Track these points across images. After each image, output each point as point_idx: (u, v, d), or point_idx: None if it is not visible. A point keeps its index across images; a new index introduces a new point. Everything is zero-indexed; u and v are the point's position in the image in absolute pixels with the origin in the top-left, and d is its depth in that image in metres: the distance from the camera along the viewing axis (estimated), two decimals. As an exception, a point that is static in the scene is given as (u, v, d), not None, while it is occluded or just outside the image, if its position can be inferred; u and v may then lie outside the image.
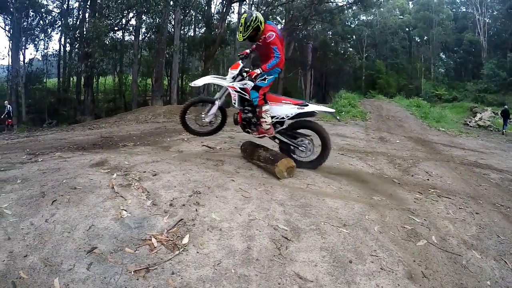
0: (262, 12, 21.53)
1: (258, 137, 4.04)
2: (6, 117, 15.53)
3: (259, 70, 3.67)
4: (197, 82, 3.99)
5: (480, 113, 22.58)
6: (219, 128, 4.26)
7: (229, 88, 3.84)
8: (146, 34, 24.74)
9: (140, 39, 23.33)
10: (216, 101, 3.94)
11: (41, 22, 21.59)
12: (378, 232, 2.56)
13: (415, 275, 2.09)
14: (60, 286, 1.72)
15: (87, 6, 19.74)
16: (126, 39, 24.37)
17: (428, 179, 4.47)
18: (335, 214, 2.77)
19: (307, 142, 3.99)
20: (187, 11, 20.86)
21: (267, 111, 3.82)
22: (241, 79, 3.84)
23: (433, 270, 2.19)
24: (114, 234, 2.18)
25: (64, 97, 25.06)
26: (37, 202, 2.48)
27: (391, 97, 23.17)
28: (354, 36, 39.36)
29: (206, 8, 22.60)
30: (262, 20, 3.62)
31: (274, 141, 4.17)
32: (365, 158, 5.44)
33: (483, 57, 33.74)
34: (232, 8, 21.38)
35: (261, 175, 3.59)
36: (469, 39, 35.75)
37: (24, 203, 2.46)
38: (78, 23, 20.37)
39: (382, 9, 37.78)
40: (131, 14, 19.13)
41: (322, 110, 4.13)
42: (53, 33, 23.34)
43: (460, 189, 4.11)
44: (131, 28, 22.02)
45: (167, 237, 2.19)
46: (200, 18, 23.97)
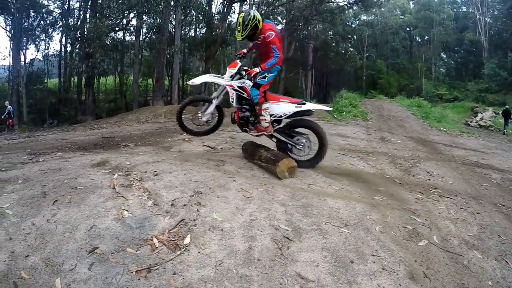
0: (263, 12, 21.57)
1: (256, 135, 4.02)
2: (7, 117, 15.56)
3: (258, 69, 3.67)
4: (195, 81, 3.96)
5: (481, 113, 22.57)
6: (216, 128, 4.24)
7: (227, 87, 3.83)
8: (147, 34, 24.80)
9: (141, 39, 23.38)
10: (214, 100, 3.91)
11: (42, 23, 21.63)
12: (380, 232, 2.55)
13: (417, 275, 2.09)
14: (62, 286, 1.72)
15: (88, 7, 19.82)
16: (127, 39, 24.51)
17: (429, 179, 4.46)
18: (337, 214, 2.77)
19: (304, 141, 4.00)
20: (188, 11, 20.89)
21: (267, 109, 3.82)
22: (239, 78, 3.84)
23: (435, 270, 2.18)
24: (116, 234, 2.18)
25: (65, 97, 25.14)
26: (39, 202, 2.48)
27: (392, 97, 23.08)
28: (355, 36, 39.39)
29: (207, 8, 22.60)
30: (260, 19, 3.63)
31: (271, 140, 4.16)
32: (366, 158, 5.43)
33: (484, 57, 33.75)
34: (233, 8, 21.41)
35: (262, 175, 3.59)
36: (470, 39, 35.76)
37: (26, 203, 2.46)
38: (79, 24, 20.44)
39: (383, 9, 37.79)
40: (132, 15, 19.23)
41: (319, 108, 4.21)
42: (54, 34, 23.45)
43: (461, 189, 4.10)
44: (132, 28, 22.10)
45: (169, 237, 2.20)
46: (201, 18, 23.98)
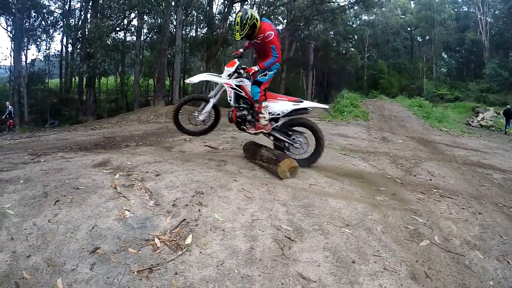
0: (264, 12, 21.57)
1: (254, 133, 3.99)
2: (8, 118, 15.61)
3: (257, 67, 3.70)
4: (193, 79, 3.93)
5: (482, 113, 22.54)
6: (213, 127, 4.20)
7: (225, 85, 3.82)
8: (148, 35, 24.78)
9: (142, 40, 23.33)
10: (211, 99, 3.89)
11: (43, 23, 21.59)
12: (381, 232, 2.55)
13: (418, 275, 2.09)
14: (63, 287, 1.72)
15: (89, 7, 19.81)
16: (128, 40, 24.47)
17: (431, 179, 4.46)
18: (338, 214, 2.77)
19: (302, 139, 4.02)
20: (189, 12, 20.84)
21: (266, 107, 3.83)
22: (237, 77, 3.85)
23: (436, 270, 2.18)
24: (117, 235, 2.18)
25: (66, 98, 25.17)
26: (40, 203, 2.48)
27: (393, 97, 23.09)
28: (356, 36, 39.38)
29: (208, 9, 22.62)
30: (258, 17, 3.63)
31: (269, 138, 4.16)
32: (368, 158, 5.43)
33: (485, 57, 33.71)
34: (234, 8, 21.36)
35: (264, 175, 3.59)
36: (471, 39, 35.71)
37: (27, 204, 2.46)
38: (80, 24, 20.44)
39: (384, 9, 37.79)
40: (133, 15, 19.18)
41: (316, 106, 4.25)
42: (55, 34, 23.37)
43: (463, 189, 4.10)
44: (133, 29, 22.07)
45: (170, 238, 2.20)
46: (202, 19, 23.98)
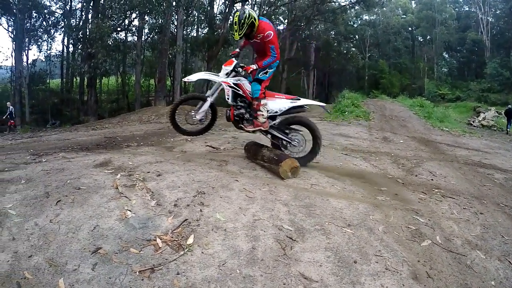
0: (265, 12, 21.57)
1: (252, 131, 3.95)
2: (9, 118, 15.66)
3: (255, 66, 3.70)
4: (191, 78, 3.91)
5: (484, 113, 22.46)
6: (210, 126, 4.19)
7: (223, 84, 3.81)
8: (149, 35, 24.80)
9: (143, 40, 23.35)
10: (208, 98, 3.87)
11: (44, 23, 21.66)
12: (383, 232, 2.55)
13: (420, 275, 2.08)
14: (65, 287, 1.72)
15: (90, 7, 19.84)
16: (129, 40, 24.53)
17: (432, 179, 4.45)
18: (340, 214, 2.76)
19: (299, 137, 4.03)
20: (190, 12, 20.90)
21: (265, 105, 3.83)
22: (235, 75, 3.85)
23: (438, 270, 2.18)
24: (119, 235, 2.18)
25: (67, 98, 25.23)
26: (42, 203, 2.49)
27: (394, 97, 23.03)
28: (357, 36, 39.34)
29: (209, 9, 22.67)
30: (256, 17, 3.63)
31: (266, 137, 4.15)
32: (369, 158, 5.42)
33: (486, 56, 33.63)
34: (235, 8, 21.36)
35: (265, 175, 3.58)
36: (472, 38, 35.61)
37: (29, 204, 2.46)
38: (81, 24, 20.48)
39: (385, 9, 37.77)
40: (134, 15, 19.19)
41: (314, 104, 4.28)
42: (56, 34, 23.49)
43: (464, 189, 4.09)
44: (134, 29, 22.09)
45: (172, 238, 2.20)
46: (203, 19, 24.03)
